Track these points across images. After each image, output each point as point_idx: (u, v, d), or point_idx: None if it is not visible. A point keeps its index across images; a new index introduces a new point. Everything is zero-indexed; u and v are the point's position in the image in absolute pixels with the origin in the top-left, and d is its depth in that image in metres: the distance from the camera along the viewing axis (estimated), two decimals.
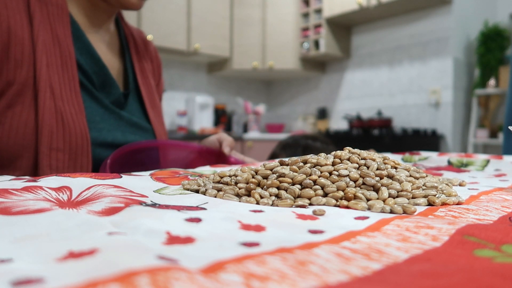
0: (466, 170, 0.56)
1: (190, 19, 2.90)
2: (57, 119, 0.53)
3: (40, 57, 0.53)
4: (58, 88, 0.54)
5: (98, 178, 0.35)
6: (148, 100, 0.70)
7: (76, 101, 0.56)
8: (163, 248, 0.19)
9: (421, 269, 0.16)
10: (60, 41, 0.56)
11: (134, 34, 0.74)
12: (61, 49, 0.56)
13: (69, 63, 0.56)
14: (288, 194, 0.32)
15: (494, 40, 2.53)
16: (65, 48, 0.56)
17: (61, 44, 0.56)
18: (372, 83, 3.03)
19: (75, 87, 0.56)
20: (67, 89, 0.55)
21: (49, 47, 0.55)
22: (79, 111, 0.55)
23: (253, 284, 0.15)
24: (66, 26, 0.57)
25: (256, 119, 3.36)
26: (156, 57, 0.79)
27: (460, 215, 0.28)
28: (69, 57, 0.56)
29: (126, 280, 0.13)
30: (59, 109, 0.53)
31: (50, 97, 0.53)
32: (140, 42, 0.75)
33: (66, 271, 0.14)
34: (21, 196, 0.28)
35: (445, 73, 2.60)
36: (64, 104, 0.54)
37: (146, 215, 0.25)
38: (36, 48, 0.53)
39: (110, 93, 0.63)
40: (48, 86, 0.53)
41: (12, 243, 0.19)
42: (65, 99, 0.54)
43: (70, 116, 0.54)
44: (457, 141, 2.64)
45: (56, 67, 0.55)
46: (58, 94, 0.54)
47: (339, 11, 2.83)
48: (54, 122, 0.53)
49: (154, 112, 0.72)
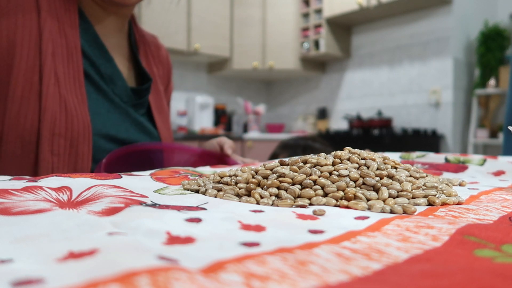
0: (465, 167, 0.55)
1: (190, 19, 2.90)
2: (60, 105, 0.54)
3: (46, 45, 0.54)
4: (63, 77, 0.55)
5: (98, 178, 0.35)
6: (155, 105, 0.71)
7: (80, 91, 0.56)
8: (163, 248, 0.19)
9: (421, 269, 0.16)
10: (67, 32, 0.57)
11: (147, 39, 0.75)
12: (67, 40, 0.57)
13: (75, 54, 0.57)
14: (288, 194, 0.32)
15: (494, 40, 2.53)
16: (71, 40, 0.57)
17: (67, 35, 0.57)
18: (372, 83, 3.03)
19: (79, 77, 0.57)
20: (71, 79, 0.56)
21: (55, 36, 0.56)
22: (82, 101, 0.56)
23: (254, 284, 0.15)
24: (73, 17, 0.58)
25: (256, 119, 3.36)
26: (167, 62, 0.80)
27: (460, 215, 0.28)
28: (75, 49, 0.57)
29: (126, 280, 0.13)
30: (63, 96, 0.54)
31: (54, 84, 0.54)
32: (153, 46, 0.76)
33: (66, 271, 0.14)
34: (21, 196, 0.28)
35: (445, 73, 2.60)
36: (68, 93, 0.55)
37: (146, 215, 0.25)
38: (42, 37, 0.54)
39: (116, 85, 0.63)
40: (53, 74, 0.54)
41: (12, 244, 0.19)
42: (68, 89, 0.55)
43: (73, 105, 0.55)
44: (457, 141, 2.64)
45: (61, 57, 0.56)
46: (62, 82, 0.55)
47: (339, 11, 2.83)
48: (58, 108, 0.54)
49: (161, 117, 0.72)
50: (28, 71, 0.53)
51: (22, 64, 0.53)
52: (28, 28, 0.54)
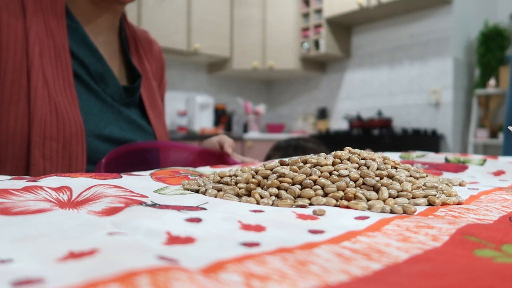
0: (465, 167, 0.55)
1: (190, 19, 2.90)
2: (50, 108, 0.53)
3: (32, 47, 0.53)
4: (52, 79, 0.54)
5: (98, 178, 0.35)
6: (148, 101, 0.70)
7: (70, 92, 0.55)
8: (163, 248, 0.19)
9: (421, 269, 0.16)
10: (54, 33, 0.56)
11: (138, 35, 0.73)
12: (54, 41, 0.56)
13: (63, 55, 0.56)
14: (288, 194, 0.32)
15: (494, 40, 2.53)
16: (59, 40, 0.56)
17: (54, 37, 0.56)
18: (372, 83, 3.03)
19: (69, 79, 0.56)
20: (60, 80, 0.55)
21: (42, 38, 0.55)
22: (73, 102, 0.55)
23: (254, 284, 0.15)
24: (60, 18, 0.57)
25: (256, 119, 3.36)
26: (160, 57, 0.79)
27: (460, 215, 0.28)
28: (63, 49, 0.56)
29: (126, 280, 0.13)
30: (53, 99, 0.53)
31: (43, 86, 0.53)
32: (145, 42, 0.74)
33: (66, 271, 0.14)
34: (21, 196, 0.28)
35: (445, 73, 2.60)
36: (58, 95, 0.54)
37: (146, 215, 0.25)
38: (28, 38, 0.53)
39: (108, 84, 0.62)
40: (41, 75, 0.53)
41: (12, 243, 0.19)
42: (58, 90, 0.54)
43: (63, 106, 0.54)
44: (457, 141, 2.64)
45: (49, 58, 0.54)
46: (51, 84, 0.54)
47: (339, 11, 2.83)
48: (48, 111, 0.53)
49: (155, 114, 0.71)
50: (16, 74, 0.52)
51: (9, 67, 0.52)
52: (14, 29, 0.53)
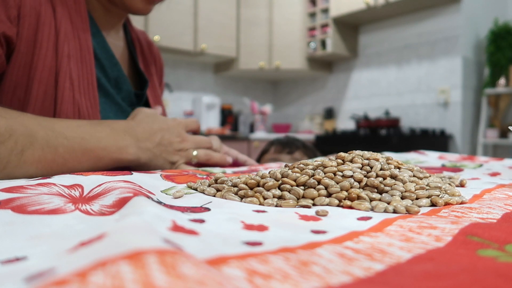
0: (460, 169, 0.56)
1: (197, 19, 2.91)
2: (74, 110, 0.53)
3: (62, 47, 0.53)
4: (77, 81, 0.54)
5: (109, 175, 0.36)
6: (153, 102, 0.71)
7: (93, 95, 0.56)
8: (168, 233, 0.20)
9: (424, 270, 0.16)
10: (79, 34, 0.56)
11: (140, 37, 0.74)
12: (80, 43, 0.56)
13: (87, 57, 0.56)
14: (291, 194, 0.32)
15: (504, 38, 2.50)
16: (84, 42, 0.57)
17: (80, 38, 0.56)
18: (380, 82, 3.01)
19: (92, 81, 0.56)
20: (84, 82, 0.55)
21: (70, 38, 0.55)
22: (94, 104, 0.56)
23: (256, 281, 0.15)
24: (84, 20, 0.58)
25: (263, 119, 3.36)
26: (159, 58, 0.80)
27: (463, 214, 0.28)
28: (88, 52, 0.57)
29: (135, 257, 0.13)
30: (77, 101, 0.53)
31: (69, 88, 0.53)
32: (145, 44, 0.75)
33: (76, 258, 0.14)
34: (35, 189, 0.29)
35: (454, 72, 2.57)
36: (81, 97, 0.54)
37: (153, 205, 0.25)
38: (59, 36, 0.53)
39: (121, 89, 0.63)
40: (68, 77, 0.53)
41: (27, 241, 0.19)
42: (82, 92, 0.55)
43: (86, 109, 0.54)
44: (467, 141, 2.61)
45: (75, 60, 0.55)
46: (76, 86, 0.54)
47: (346, 11, 2.82)
48: (71, 113, 0.53)
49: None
50: (45, 72, 0.52)
51: (40, 65, 0.52)
52: (48, 26, 0.53)
